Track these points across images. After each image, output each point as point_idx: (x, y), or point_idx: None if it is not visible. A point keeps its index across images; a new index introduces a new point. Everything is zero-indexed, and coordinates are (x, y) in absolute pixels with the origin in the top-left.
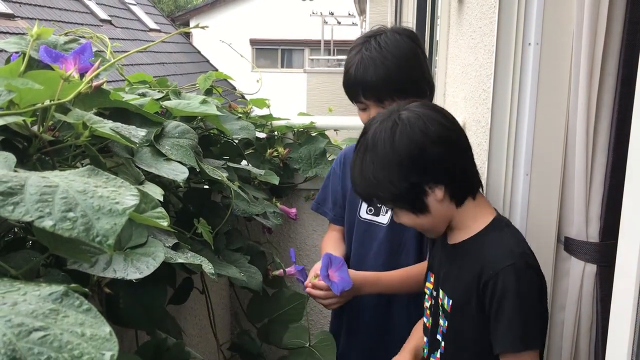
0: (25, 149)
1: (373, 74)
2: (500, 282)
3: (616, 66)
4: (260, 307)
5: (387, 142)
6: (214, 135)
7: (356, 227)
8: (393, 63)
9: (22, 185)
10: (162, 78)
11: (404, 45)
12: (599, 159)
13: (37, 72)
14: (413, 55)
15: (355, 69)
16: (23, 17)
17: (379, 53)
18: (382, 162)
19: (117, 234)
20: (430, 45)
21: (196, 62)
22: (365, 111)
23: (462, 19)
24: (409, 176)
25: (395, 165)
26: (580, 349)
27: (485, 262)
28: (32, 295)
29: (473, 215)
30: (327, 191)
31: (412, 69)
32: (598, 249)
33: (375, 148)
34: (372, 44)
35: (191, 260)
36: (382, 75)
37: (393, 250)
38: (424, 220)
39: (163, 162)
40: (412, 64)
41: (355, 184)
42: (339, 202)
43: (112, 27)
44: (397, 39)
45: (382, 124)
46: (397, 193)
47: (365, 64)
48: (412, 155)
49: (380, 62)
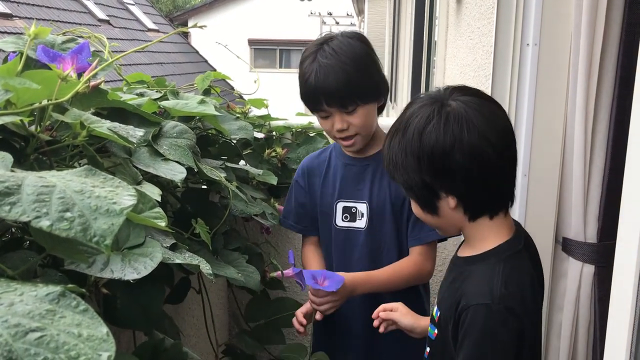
0: (22, 149)
1: (334, 80)
2: (469, 318)
3: (614, 67)
4: (258, 309)
5: (417, 131)
6: (212, 136)
7: (334, 236)
8: (352, 67)
9: (19, 185)
10: (160, 78)
11: (358, 49)
12: (597, 160)
13: (35, 71)
14: (368, 57)
15: (314, 77)
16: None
17: (336, 59)
18: (406, 149)
19: (114, 234)
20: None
21: (194, 62)
22: (328, 119)
23: (460, 19)
24: (424, 175)
25: (415, 157)
26: (578, 349)
27: (465, 292)
28: (29, 295)
29: (483, 235)
30: (292, 204)
31: (369, 72)
32: (596, 249)
33: (406, 131)
34: (327, 51)
35: (189, 260)
36: (343, 80)
37: (374, 252)
38: (430, 218)
39: (161, 162)
40: (368, 66)
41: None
42: (308, 213)
43: (111, 27)
44: (350, 43)
45: (424, 107)
46: (409, 183)
47: (324, 71)
48: (434, 155)
49: (339, 67)
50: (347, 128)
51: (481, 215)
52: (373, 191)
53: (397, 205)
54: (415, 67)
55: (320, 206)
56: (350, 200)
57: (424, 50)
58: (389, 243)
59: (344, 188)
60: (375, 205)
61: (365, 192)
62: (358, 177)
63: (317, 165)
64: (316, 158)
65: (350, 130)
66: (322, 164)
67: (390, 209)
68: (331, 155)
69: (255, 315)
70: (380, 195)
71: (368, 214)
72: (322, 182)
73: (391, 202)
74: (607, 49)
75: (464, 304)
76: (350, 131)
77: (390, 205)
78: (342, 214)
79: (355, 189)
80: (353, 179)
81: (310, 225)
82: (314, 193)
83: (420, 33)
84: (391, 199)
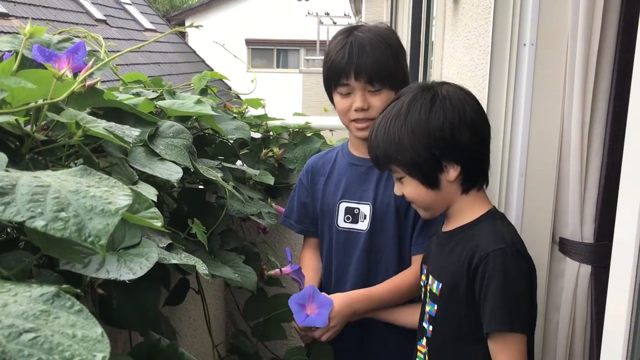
0: (17, 149)
1: (370, 52)
2: (489, 264)
3: (611, 67)
4: (256, 306)
5: (423, 112)
6: (208, 135)
7: (335, 237)
8: (386, 48)
9: (14, 185)
10: (156, 78)
11: (393, 36)
12: (593, 159)
13: (30, 71)
14: (401, 47)
15: (349, 48)
16: (18, 17)
17: (374, 34)
18: (412, 128)
19: (109, 234)
20: (425, 45)
21: (191, 62)
22: (349, 97)
23: (457, 19)
24: (433, 148)
25: (424, 133)
26: (575, 349)
27: (477, 248)
28: (23, 296)
29: (471, 206)
30: (294, 204)
31: (400, 59)
32: (593, 249)
33: (409, 114)
34: (364, 28)
35: (185, 260)
36: (379, 56)
37: (373, 256)
38: (428, 195)
39: (157, 162)
40: (400, 54)
41: (376, 144)
42: (309, 213)
43: (108, 27)
44: (387, 28)
45: (422, 93)
46: (416, 160)
47: (360, 42)
48: (443, 130)
49: (376, 43)
50: (367, 109)
51: (474, 185)
52: (378, 193)
53: (401, 209)
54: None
55: (321, 205)
56: (353, 201)
57: (421, 50)
58: (388, 247)
59: (348, 188)
60: (379, 207)
61: (369, 193)
62: (363, 177)
63: (322, 164)
64: (322, 157)
65: (369, 112)
66: (328, 163)
67: (394, 212)
68: (337, 155)
69: (254, 313)
70: (385, 198)
71: (371, 216)
72: (325, 181)
73: (396, 206)
74: (603, 49)
75: (481, 254)
76: (369, 113)
77: (394, 209)
78: (345, 214)
79: (360, 190)
80: (358, 180)
81: (310, 225)
82: (316, 192)
83: (417, 33)
84: (396, 203)
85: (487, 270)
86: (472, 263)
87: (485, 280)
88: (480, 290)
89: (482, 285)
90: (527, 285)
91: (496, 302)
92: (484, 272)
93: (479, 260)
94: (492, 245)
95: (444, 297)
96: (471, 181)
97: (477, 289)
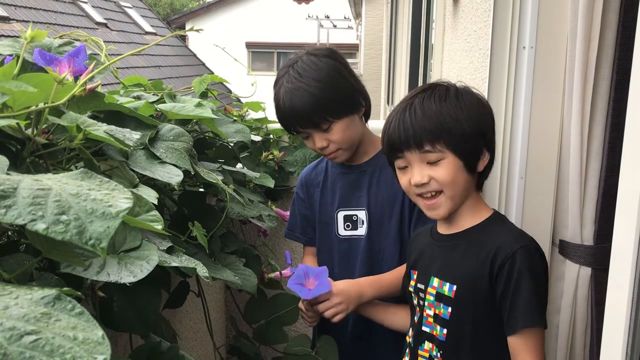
0: (18, 152)
1: (300, 102)
2: (517, 262)
3: (610, 70)
4: (257, 309)
5: (474, 98)
6: (209, 139)
7: (337, 246)
8: (317, 87)
9: (15, 188)
10: (157, 81)
11: (323, 67)
12: (593, 162)
13: (31, 74)
14: (335, 73)
15: (282, 102)
16: (19, 20)
17: (299, 82)
18: (468, 108)
19: (110, 237)
20: (425, 48)
21: (192, 65)
22: (309, 139)
23: (457, 22)
24: (482, 131)
25: (478, 115)
26: (576, 351)
27: (499, 247)
28: (24, 298)
29: (474, 207)
30: (296, 217)
31: (337, 87)
32: (593, 252)
33: (460, 96)
34: (291, 74)
35: (185, 263)
36: (309, 102)
37: (374, 259)
38: (463, 180)
39: (157, 165)
40: (336, 82)
41: (424, 120)
42: (311, 224)
43: (108, 30)
44: (314, 62)
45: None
46: (469, 138)
47: (290, 95)
48: (488, 116)
49: (303, 90)
50: (328, 145)
51: (484, 180)
52: (371, 197)
53: (395, 210)
54: (413, 70)
55: (320, 216)
56: (350, 209)
57: (421, 53)
58: (388, 248)
59: (343, 197)
60: (374, 211)
61: (363, 199)
62: (355, 184)
63: (314, 176)
64: (313, 169)
65: (331, 147)
66: (320, 174)
67: (389, 213)
68: (327, 165)
69: (255, 316)
70: (377, 201)
71: (367, 220)
72: (320, 193)
73: (389, 206)
74: (603, 52)
75: (506, 252)
76: (331, 148)
77: (388, 210)
78: (344, 222)
79: (355, 197)
80: (351, 187)
81: (314, 236)
82: (313, 203)
83: (417, 36)
84: (389, 202)
85: (516, 268)
86: (495, 262)
87: (514, 277)
88: (506, 289)
89: (508, 282)
90: (546, 280)
91: (529, 299)
92: (511, 270)
93: (505, 258)
94: (516, 243)
95: (460, 298)
96: (485, 176)
97: (501, 286)
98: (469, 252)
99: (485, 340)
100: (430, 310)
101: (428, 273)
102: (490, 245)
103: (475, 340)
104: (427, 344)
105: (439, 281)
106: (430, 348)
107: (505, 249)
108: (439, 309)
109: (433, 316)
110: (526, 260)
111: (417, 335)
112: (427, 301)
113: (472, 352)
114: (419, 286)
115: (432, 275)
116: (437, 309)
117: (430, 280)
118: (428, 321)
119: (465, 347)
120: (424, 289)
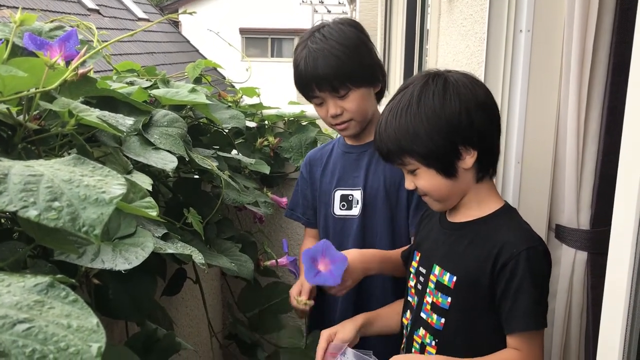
0: (9, 138)
1: (324, 64)
2: (522, 264)
3: (607, 54)
4: (251, 297)
5: (437, 99)
6: (203, 125)
7: (332, 226)
8: (341, 51)
9: (6, 174)
10: (150, 67)
11: (349, 34)
12: (590, 146)
13: (22, 59)
14: (360, 42)
15: (304, 63)
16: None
17: (325, 43)
18: (428, 117)
19: (103, 223)
20: (421, 33)
21: (185, 51)
22: (322, 105)
23: (453, 6)
24: (451, 135)
25: (440, 121)
26: (571, 336)
27: (505, 244)
28: (17, 286)
29: (483, 197)
30: (298, 196)
31: (361, 56)
32: (589, 236)
33: (421, 103)
34: (317, 37)
35: (181, 250)
36: (333, 64)
37: (367, 240)
38: (445, 186)
39: (152, 151)
40: (360, 50)
41: (387, 138)
42: (310, 205)
43: (100, 17)
44: (341, 28)
45: (432, 80)
46: (433, 149)
47: (314, 56)
48: (460, 115)
49: (328, 52)
50: (341, 113)
51: (487, 172)
52: (368, 177)
53: (391, 192)
54: (408, 56)
55: (319, 195)
56: (347, 188)
57: (416, 38)
58: (381, 230)
59: (342, 176)
60: (369, 191)
61: (360, 179)
62: (355, 164)
63: (320, 155)
64: (320, 149)
65: (344, 116)
66: (325, 154)
67: (384, 195)
68: (334, 147)
69: (249, 304)
70: (374, 182)
71: (362, 200)
72: (322, 172)
73: (385, 189)
74: (600, 35)
75: (512, 251)
76: (344, 116)
77: (384, 192)
78: (340, 202)
79: (352, 177)
80: (350, 167)
81: (313, 217)
82: (314, 182)
83: (412, 21)
84: (385, 185)
85: (519, 268)
86: (499, 259)
87: (516, 278)
88: (506, 287)
89: (510, 282)
90: (548, 282)
91: (530, 302)
92: (514, 270)
93: (509, 257)
94: (524, 243)
95: (460, 290)
96: (486, 167)
97: (503, 285)
98: (473, 244)
99: (482, 333)
100: (430, 298)
101: (431, 259)
102: (495, 241)
103: (472, 332)
104: (421, 330)
105: (440, 269)
106: (424, 335)
107: (511, 247)
108: (437, 298)
109: (431, 304)
110: (531, 263)
111: (415, 320)
112: (428, 288)
113: (468, 343)
114: (420, 269)
115: (434, 263)
116: (436, 298)
117: (432, 267)
118: (426, 308)
119: (461, 338)
120: (426, 274)
